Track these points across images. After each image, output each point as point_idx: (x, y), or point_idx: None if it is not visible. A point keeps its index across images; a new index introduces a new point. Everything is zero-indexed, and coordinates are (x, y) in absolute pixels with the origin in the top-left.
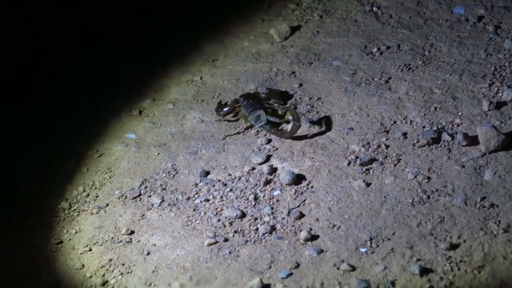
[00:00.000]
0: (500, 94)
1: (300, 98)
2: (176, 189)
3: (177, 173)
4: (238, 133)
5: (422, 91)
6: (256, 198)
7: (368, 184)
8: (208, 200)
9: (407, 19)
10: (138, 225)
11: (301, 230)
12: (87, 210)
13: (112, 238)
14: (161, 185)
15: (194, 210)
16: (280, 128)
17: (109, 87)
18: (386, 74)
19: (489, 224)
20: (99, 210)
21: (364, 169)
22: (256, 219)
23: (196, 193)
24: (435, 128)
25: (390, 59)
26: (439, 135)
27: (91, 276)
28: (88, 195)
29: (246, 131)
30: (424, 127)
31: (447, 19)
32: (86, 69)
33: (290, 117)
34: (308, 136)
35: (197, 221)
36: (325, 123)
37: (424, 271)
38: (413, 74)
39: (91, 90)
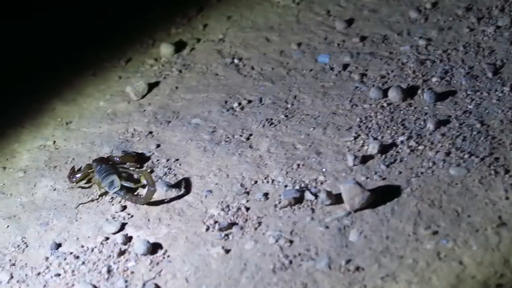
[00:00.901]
0: (366, 147)
1: (157, 160)
2: (25, 264)
3: (27, 246)
4: (92, 200)
5: (284, 148)
6: (109, 271)
7: (227, 251)
8: (59, 275)
9: (269, 71)
10: None
11: None
12: None
13: None
14: (10, 260)
15: (44, 286)
16: (135, 193)
17: None
18: (247, 131)
19: None
20: None
21: (223, 235)
22: None
23: (47, 268)
24: (297, 187)
25: (251, 114)
26: (301, 195)
27: None
28: None
29: (100, 198)
30: (286, 186)
31: (311, 68)
32: None
33: (145, 182)
34: (165, 200)
35: None
36: (183, 186)
37: None
38: (275, 130)
39: None
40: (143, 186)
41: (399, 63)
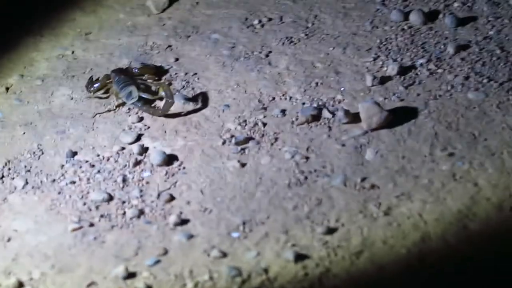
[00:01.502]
0: (385, 69)
1: (176, 74)
2: (41, 170)
3: (42, 153)
4: (109, 110)
5: (303, 66)
6: (124, 180)
7: (243, 165)
8: (74, 183)
9: None
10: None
11: (170, 214)
12: None
13: None
14: (25, 166)
15: (59, 193)
16: (153, 105)
17: None
18: (267, 48)
19: (369, 207)
20: None
21: (239, 149)
22: (123, 202)
23: (62, 175)
24: (315, 105)
25: (271, 31)
26: (319, 112)
27: None
28: None
29: (117, 108)
30: (304, 103)
31: None
32: None
33: (163, 94)
34: (182, 113)
35: (62, 205)
36: (201, 100)
37: (299, 257)
38: (294, 48)
39: None
40: (161, 98)
41: None
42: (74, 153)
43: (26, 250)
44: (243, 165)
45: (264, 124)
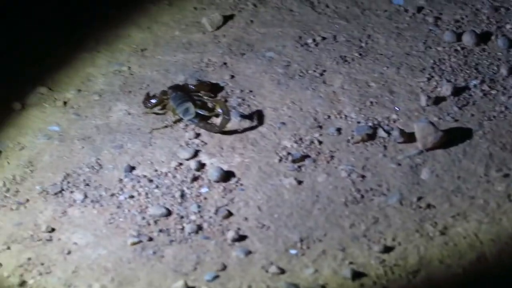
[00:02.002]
0: (439, 89)
1: (232, 91)
2: (99, 185)
3: (101, 168)
4: (166, 126)
5: (357, 85)
6: (182, 196)
7: (299, 182)
8: (132, 197)
9: (344, 9)
10: (59, 223)
11: (228, 230)
12: (6, 206)
13: (31, 235)
14: (84, 180)
15: (118, 207)
16: (209, 121)
17: (32, 76)
18: (321, 67)
19: (425, 226)
20: (19, 206)
21: (295, 166)
22: (182, 217)
23: (121, 190)
24: (370, 124)
25: (325, 50)
26: (374, 131)
27: (9, 276)
28: (8, 190)
29: (174, 124)
30: (359, 122)
31: (385, 9)
32: (4, 54)
33: (220, 111)
34: (239, 130)
35: (121, 219)
36: (257, 117)
37: (356, 275)
38: (349, 67)
39: (12, 77)
40: (217, 115)
41: (473, 9)
42: (132, 168)
43: (86, 263)
44: (299, 182)
45: (320, 142)
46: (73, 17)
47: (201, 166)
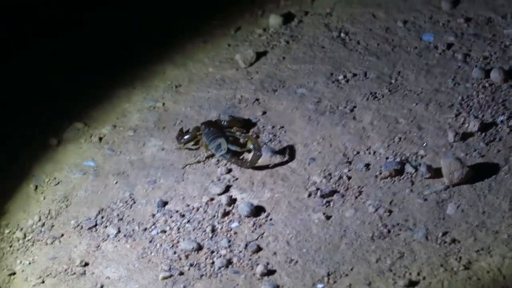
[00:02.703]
0: (466, 125)
1: (263, 127)
2: (133, 219)
3: (134, 202)
4: (199, 162)
5: (387, 121)
6: (213, 230)
7: (328, 217)
8: (164, 232)
9: (375, 46)
10: (93, 257)
11: (258, 264)
12: (41, 240)
13: (65, 269)
14: (117, 215)
15: (150, 241)
16: (241, 157)
17: (69, 112)
18: (351, 103)
19: (449, 261)
20: (54, 241)
21: (324, 201)
22: (212, 252)
23: (153, 224)
24: (398, 160)
25: (356, 87)
26: (402, 167)
27: None
28: (43, 224)
29: (207, 160)
30: (387, 158)
31: (415, 46)
32: (43, 90)
33: (251, 146)
34: (270, 166)
35: (153, 253)
36: (288, 152)
37: None
38: (378, 103)
39: (49, 113)
40: (249, 151)
41: (502, 45)
42: (165, 203)
43: None
44: (328, 217)
45: (349, 178)
46: (110, 54)
47: (232, 201)
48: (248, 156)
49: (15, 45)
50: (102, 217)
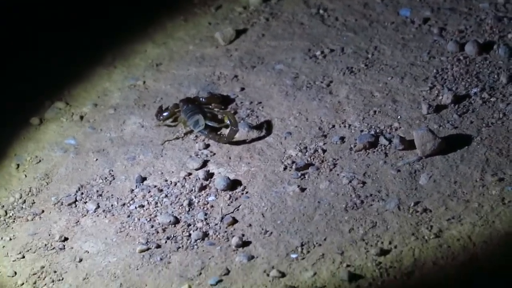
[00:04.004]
0: (440, 97)
1: (241, 103)
2: (112, 195)
3: (114, 179)
4: (177, 138)
5: (362, 95)
6: (190, 204)
7: (302, 189)
8: (142, 206)
9: (352, 22)
10: (72, 232)
11: (233, 236)
12: (22, 217)
13: (45, 245)
14: (97, 191)
15: (129, 216)
16: (218, 133)
17: (51, 91)
18: (328, 78)
19: (421, 229)
20: (34, 217)
21: (299, 174)
22: (189, 225)
23: (132, 199)
24: (372, 132)
25: (333, 62)
26: (376, 139)
27: (23, 284)
28: (24, 201)
29: (185, 136)
30: (362, 131)
31: (392, 21)
32: (24, 70)
33: (228, 122)
34: (247, 141)
35: (131, 228)
36: (265, 127)
37: (353, 277)
38: (354, 78)
39: (31, 93)
40: (226, 126)
41: (477, 19)
42: (144, 179)
43: (96, 270)
44: (303, 189)
45: (324, 151)
46: (91, 34)
47: (209, 175)
48: (226, 132)
49: None
50: (82, 194)
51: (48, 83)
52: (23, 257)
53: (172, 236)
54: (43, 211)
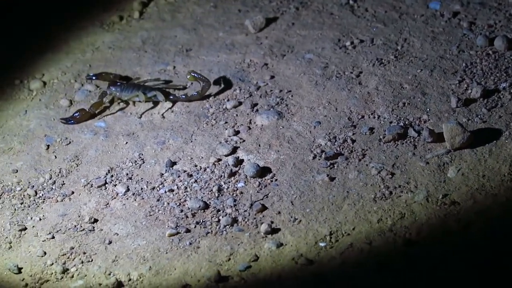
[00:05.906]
0: (469, 91)
1: (271, 90)
2: (141, 178)
3: (143, 162)
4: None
5: (392, 86)
6: (220, 190)
7: (332, 179)
8: (172, 191)
9: (382, 13)
10: (102, 214)
11: (262, 223)
12: (52, 198)
13: (75, 226)
14: (127, 174)
15: (158, 200)
16: (185, 93)
17: (80, 74)
18: (358, 68)
19: (448, 222)
20: (64, 198)
21: (328, 163)
22: (218, 210)
23: (161, 183)
24: (402, 124)
25: (362, 53)
26: (405, 131)
27: (52, 264)
28: (54, 182)
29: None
30: (391, 122)
31: (422, 14)
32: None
33: (197, 79)
34: (212, 94)
35: (160, 212)
36: (294, 116)
37: (381, 267)
38: (384, 69)
39: (62, 79)
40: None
41: (506, 14)
42: (173, 163)
43: (126, 253)
44: (332, 179)
45: (353, 141)
46: (123, 18)
47: (239, 162)
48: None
49: None
50: (112, 176)
51: (78, 65)
52: (53, 237)
53: (201, 221)
54: (73, 193)
